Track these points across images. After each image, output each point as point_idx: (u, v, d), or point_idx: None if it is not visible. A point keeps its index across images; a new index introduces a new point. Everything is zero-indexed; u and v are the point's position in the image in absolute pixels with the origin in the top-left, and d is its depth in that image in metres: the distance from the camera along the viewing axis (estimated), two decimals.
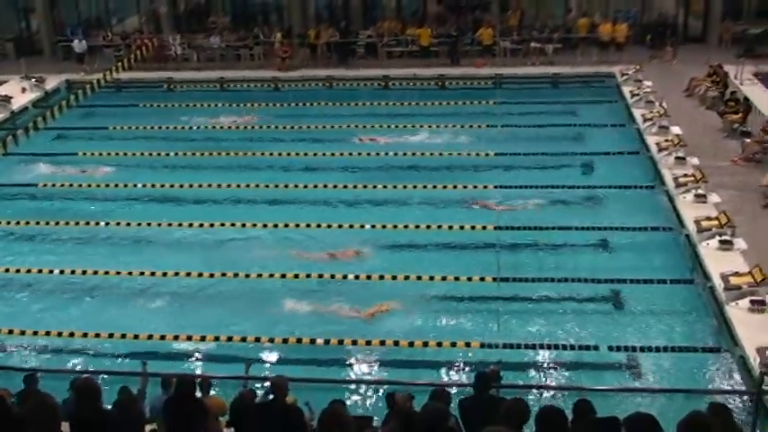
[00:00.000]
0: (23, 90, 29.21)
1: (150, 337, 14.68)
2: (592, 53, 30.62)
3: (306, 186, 20.82)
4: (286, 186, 20.81)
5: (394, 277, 16.18)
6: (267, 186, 20.85)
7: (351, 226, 18.36)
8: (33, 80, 29.69)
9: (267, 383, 10.46)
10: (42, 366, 13.54)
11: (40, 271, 17.17)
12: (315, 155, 23.11)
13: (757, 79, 26.62)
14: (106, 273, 16.94)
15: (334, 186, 20.75)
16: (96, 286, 16.75)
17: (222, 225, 18.80)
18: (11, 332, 15.05)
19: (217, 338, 14.56)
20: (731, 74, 26.26)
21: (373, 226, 18.28)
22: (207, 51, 33.02)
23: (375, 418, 10.70)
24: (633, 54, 29.91)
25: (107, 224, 19.25)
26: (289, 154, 23.31)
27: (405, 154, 22.73)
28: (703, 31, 32.71)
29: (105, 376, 12.52)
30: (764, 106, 23.68)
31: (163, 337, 14.69)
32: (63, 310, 15.99)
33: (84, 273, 16.99)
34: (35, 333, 14.97)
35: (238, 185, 21.01)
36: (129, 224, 19.14)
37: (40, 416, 6.68)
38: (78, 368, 13.83)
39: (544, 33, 31.41)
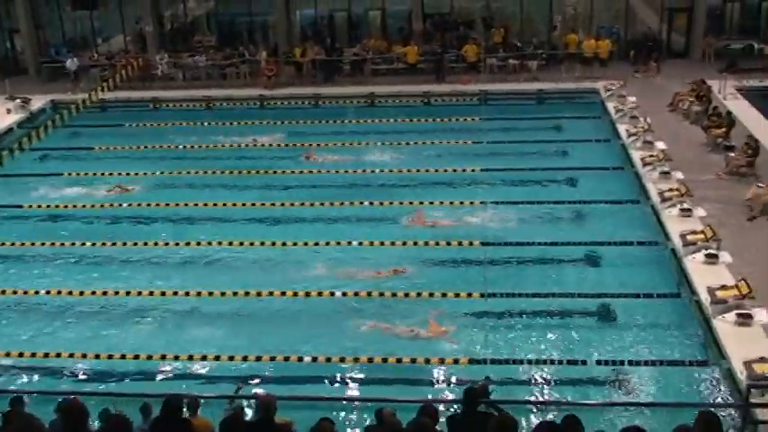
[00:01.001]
0: (8, 111, 29.04)
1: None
2: (575, 69, 30.83)
3: (302, 204, 20.95)
4: (272, 205, 20.91)
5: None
6: (254, 205, 20.95)
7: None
8: (18, 101, 29.58)
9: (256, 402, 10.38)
10: (28, 388, 13.46)
11: (25, 292, 17.02)
12: (301, 172, 23.25)
13: (740, 94, 26.92)
14: (93, 293, 16.84)
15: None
16: (83, 307, 16.60)
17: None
18: None
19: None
20: (714, 89, 26.49)
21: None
22: (193, 70, 33.12)
23: None
24: (617, 70, 30.17)
25: (93, 244, 19.13)
26: (275, 172, 23.39)
27: (391, 171, 22.81)
28: (686, 46, 33.01)
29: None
30: (747, 120, 23.94)
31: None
32: (51, 332, 15.83)
33: (70, 293, 16.88)
34: (20, 355, 14.82)
35: (224, 204, 21.05)
36: (114, 244, 19.07)
37: None
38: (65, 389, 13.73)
39: (529, 50, 31.62)
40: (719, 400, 12.77)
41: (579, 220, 19.59)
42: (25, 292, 17.03)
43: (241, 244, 18.74)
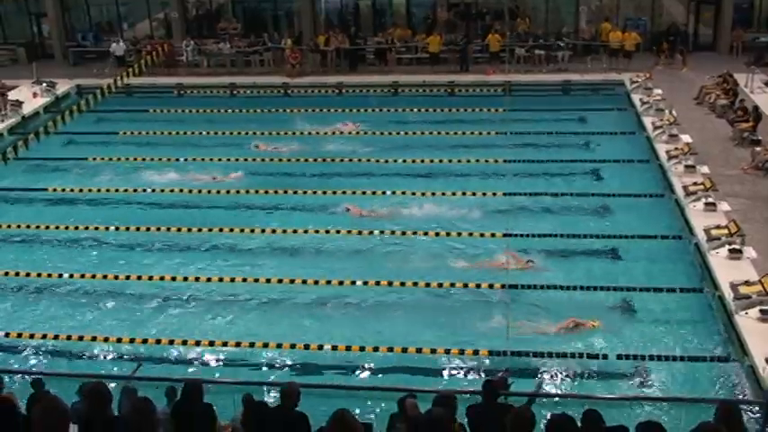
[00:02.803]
0: (35, 95, 29.32)
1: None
2: (601, 61, 30.62)
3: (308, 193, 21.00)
4: (295, 193, 21.02)
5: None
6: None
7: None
8: (45, 85, 29.81)
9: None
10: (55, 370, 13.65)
11: (49, 275, 17.17)
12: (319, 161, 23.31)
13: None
14: (116, 277, 17.00)
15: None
16: (104, 290, 16.79)
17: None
18: (20, 335, 15.09)
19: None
20: (741, 82, 26.22)
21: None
22: (217, 57, 33.18)
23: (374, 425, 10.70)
24: (643, 62, 29.87)
25: (116, 229, 19.29)
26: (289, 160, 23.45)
27: (414, 161, 22.77)
28: (714, 39, 32.65)
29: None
30: None
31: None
32: (71, 315, 16.01)
33: (93, 276, 17.04)
34: (44, 336, 14.98)
35: (247, 191, 21.18)
36: (138, 229, 19.22)
37: (51, 420, 6.67)
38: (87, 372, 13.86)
39: (552, 41, 31.42)
40: (741, 396, 12.68)
41: (603, 213, 19.46)
42: (49, 275, 17.15)
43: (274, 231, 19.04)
